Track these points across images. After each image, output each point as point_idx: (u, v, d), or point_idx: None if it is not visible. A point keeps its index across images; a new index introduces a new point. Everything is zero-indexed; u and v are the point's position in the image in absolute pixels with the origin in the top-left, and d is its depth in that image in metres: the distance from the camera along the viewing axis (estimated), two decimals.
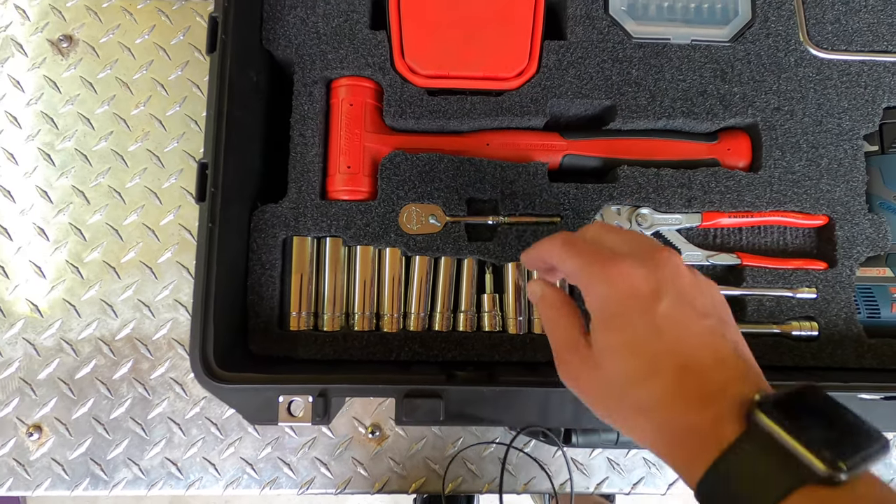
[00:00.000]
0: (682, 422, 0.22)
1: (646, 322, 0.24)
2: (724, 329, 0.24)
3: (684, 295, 0.25)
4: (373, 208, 0.40)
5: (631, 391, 0.24)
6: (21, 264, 0.50)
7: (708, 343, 0.23)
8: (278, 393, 0.33)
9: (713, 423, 0.21)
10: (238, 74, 0.37)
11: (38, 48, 0.52)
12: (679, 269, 0.26)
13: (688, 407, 0.22)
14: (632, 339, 0.24)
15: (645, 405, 0.23)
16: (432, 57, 0.41)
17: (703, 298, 0.25)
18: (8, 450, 0.48)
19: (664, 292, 0.24)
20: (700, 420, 0.22)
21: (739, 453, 0.20)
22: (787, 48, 0.43)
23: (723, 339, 0.24)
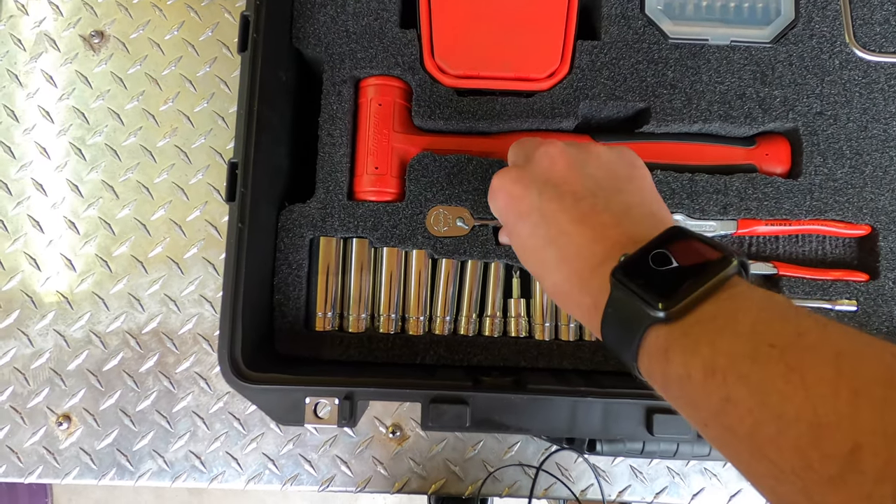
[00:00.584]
0: (578, 305, 0.25)
1: (522, 225, 0.27)
2: (608, 199, 0.26)
3: (557, 186, 0.27)
4: (400, 210, 0.39)
5: (543, 282, 0.27)
6: (52, 257, 0.51)
7: (585, 227, 0.25)
8: (305, 394, 0.33)
9: (594, 300, 0.24)
10: (268, 74, 0.37)
11: (70, 43, 0.53)
12: (552, 161, 0.28)
13: (576, 291, 0.25)
14: (519, 242, 0.27)
15: (554, 293, 0.27)
16: (462, 57, 0.40)
17: (580, 180, 0.27)
18: (38, 438, 0.49)
19: (536, 190, 0.27)
20: (586, 300, 0.25)
21: (608, 315, 0.23)
22: (831, 50, 0.41)
23: (603, 215, 0.26)
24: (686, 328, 0.21)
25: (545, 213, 0.26)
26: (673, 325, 0.21)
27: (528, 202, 0.27)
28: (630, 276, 0.22)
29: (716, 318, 0.20)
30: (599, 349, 0.39)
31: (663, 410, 0.33)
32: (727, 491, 0.49)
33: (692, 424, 0.21)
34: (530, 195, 0.27)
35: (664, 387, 0.21)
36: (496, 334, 0.40)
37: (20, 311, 0.50)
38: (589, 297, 0.24)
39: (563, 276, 0.25)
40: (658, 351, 0.21)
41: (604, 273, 0.23)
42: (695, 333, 0.20)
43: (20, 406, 0.49)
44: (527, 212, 0.27)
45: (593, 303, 0.24)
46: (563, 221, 0.26)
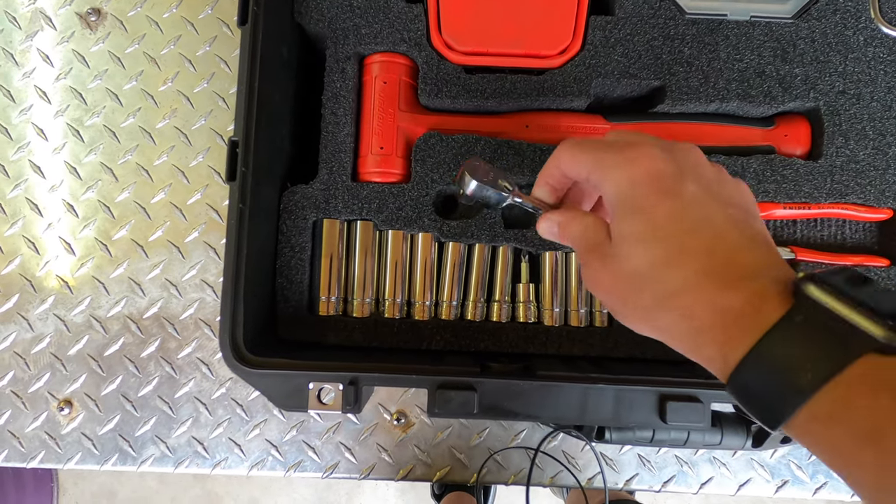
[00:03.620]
0: (713, 303, 0.20)
1: (669, 204, 0.22)
2: (753, 220, 0.23)
3: (709, 183, 0.23)
4: (406, 191, 0.38)
5: (654, 278, 0.22)
6: (51, 240, 0.50)
7: (735, 229, 0.22)
8: (308, 380, 0.32)
9: (752, 302, 0.19)
10: (270, 49, 0.35)
11: (66, 21, 0.51)
12: (701, 159, 0.24)
13: (721, 286, 0.20)
14: (653, 222, 0.22)
15: (670, 290, 0.21)
16: (471, 32, 0.39)
17: (728, 190, 0.24)
18: (40, 423, 0.48)
19: (687, 176, 0.23)
20: (735, 299, 0.20)
21: (787, 330, 0.18)
22: (856, 26, 0.39)
23: (748, 228, 0.22)
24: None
25: (697, 200, 0.22)
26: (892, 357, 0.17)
27: (680, 184, 0.22)
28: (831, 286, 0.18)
29: None
30: (610, 335, 0.38)
31: (677, 398, 0.32)
32: (736, 480, 0.48)
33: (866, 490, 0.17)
34: (684, 178, 0.23)
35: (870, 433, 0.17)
36: (504, 320, 0.39)
37: (20, 296, 0.49)
38: (744, 299, 0.20)
39: (705, 269, 0.21)
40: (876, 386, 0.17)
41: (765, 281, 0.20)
42: None
43: (21, 391, 0.49)
44: (673, 192, 0.22)
45: (750, 308, 0.19)
46: (718, 217, 0.22)
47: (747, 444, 0.40)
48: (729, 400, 0.35)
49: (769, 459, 0.48)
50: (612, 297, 0.24)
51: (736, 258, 0.21)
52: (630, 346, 0.38)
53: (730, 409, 0.40)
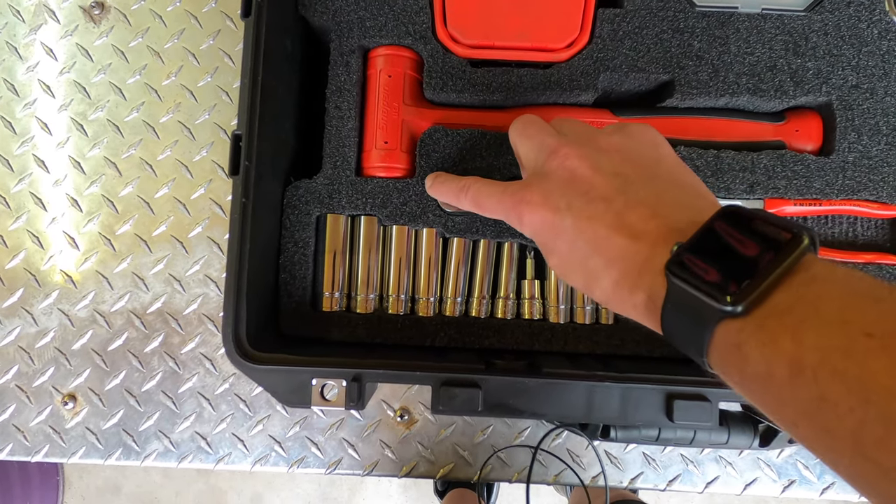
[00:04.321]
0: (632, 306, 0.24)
1: (563, 241, 0.26)
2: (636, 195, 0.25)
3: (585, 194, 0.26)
4: (410, 186, 0.38)
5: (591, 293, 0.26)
6: (55, 235, 0.50)
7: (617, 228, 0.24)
8: (312, 376, 0.32)
9: (650, 297, 0.23)
10: (273, 42, 0.35)
11: (70, 15, 0.51)
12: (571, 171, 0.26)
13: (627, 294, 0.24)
14: (563, 261, 0.26)
15: (605, 301, 0.25)
16: (477, 25, 0.38)
17: (606, 180, 0.26)
18: (44, 417, 0.48)
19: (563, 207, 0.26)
20: (640, 300, 0.23)
21: (668, 315, 0.22)
22: (870, 18, 0.39)
23: (630, 212, 0.24)
24: (760, 321, 0.19)
25: (580, 226, 0.25)
26: (745, 318, 0.19)
27: (561, 220, 0.26)
28: (687, 268, 0.21)
29: (793, 307, 0.18)
30: (616, 332, 0.38)
31: (684, 396, 0.32)
32: (742, 480, 0.48)
33: (778, 424, 0.19)
34: (561, 213, 0.26)
35: (742, 385, 0.20)
36: (509, 316, 0.39)
37: (24, 290, 0.49)
38: (642, 293, 0.23)
39: (611, 281, 0.24)
40: (731, 347, 0.19)
41: (654, 267, 0.22)
42: (771, 326, 0.18)
43: (25, 385, 0.49)
44: (561, 228, 0.26)
45: (648, 299, 0.23)
46: (599, 228, 0.25)
47: (754, 443, 0.39)
48: (738, 399, 0.34)
49: (776, 459, 0.48)
50: None
51: (627, 259, 0.24)
52: (636, 344, 0.37)
53: (737, 409, 0.40)
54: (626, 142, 0.27)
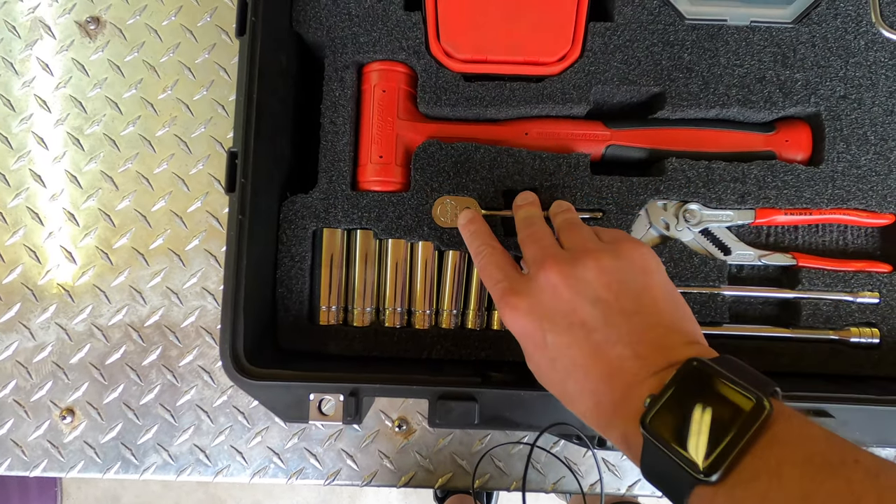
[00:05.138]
0: (609, 434, 0.25)
1: (542, 356, 0.27)
2: (618, 331, 0.25)
3: (566, 316, 0.26)
4: (405, 200, 0.38)
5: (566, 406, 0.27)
6: (52, 249, 0.50)
7: (595, 361, 0.25)
8: (309, 391, 0.32)
9: (625, 441, 0.24)
10: (268, 58, 0.35)
11: (65, 30, 0.51)
12: (555, 291, 0.27)
13: (603, 429, 0.25)
14: (540, 374, 0.28)
15: (581, 417, 0.26)
16: (469, 40, 0.39)
17: (588, 308, 0.26)
18: (42, 432, 0.48)
19: (547, 327, 0.27)
20: (616, 436, 0.24)
21: (647, 466, 0.23)
22: (856, 30, 0.39)
23: (609, 347, 0.25)
24: (730, 489, 0.20)
25: (559, 347, 0.26)
26: (717, 486, 0.20)
27: (541, 336, 0.27)
28: (657, 429, 0.22)
29: (758, 476, 0.20)
30: None
31: None
32: None
33: None
34: (542, 330, 0.27)
35: None
36: (504, 328, 0.39)
37: (21, 305, 0.50)
38: (617, 432, 0.24)
39: (586, 408, 0.25)
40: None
41: (628, 412, 0.23)
42: (740, 496, 0.20)
43: (23, 400, 0.49)
44: (541, 345, 0.27)
45: (623, 439, 0.24)
46: (577, 356, 0.26)
47: None
48: None
49: None
50: None
51: (602, 394, 0.25)
52: None
53: None
54: (615, 264, 0.27)
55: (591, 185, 0.38)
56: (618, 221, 0.38)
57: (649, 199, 0.39)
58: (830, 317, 0.38)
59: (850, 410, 0.31)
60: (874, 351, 0.37)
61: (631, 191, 0.38)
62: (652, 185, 0.38)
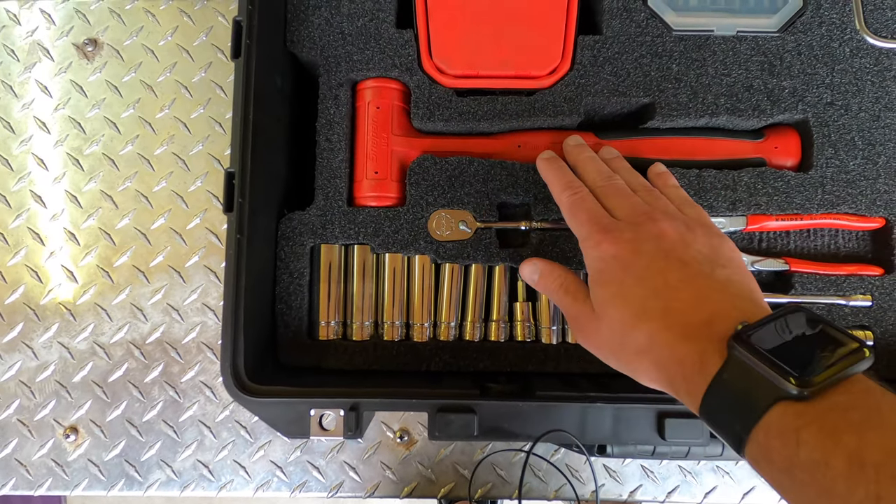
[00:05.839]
0: (673, 356, 0.25)
1: (630, 274, 0.27)
2: (712, 270, 0.27)
3: (667, 252, 0.28)
4: (401, 215, 0.39)
5: (628, 335, 0.27)
6: (54, 269, 0.51)
7: (690, 286, 0.26)
8: (310, 406, 0.32)
9: (700, 357, 0.23)
10: (263, 79, 0.36)
11: (63, 52, 0.52)
12: (663, 232, 0.29)
13: (676, 341, 0.25)
14: (619, 290, 0.28)
15: (642, 346, 0.26)
16: (461, 56, 0.39)
17: (688, 252, 0.28)
18: (46, 450, 0.49)
19: (644, 251, 0.28)
20: (688, 354, 0.24)
21: (723, 382, 0.22)
22: (841, 37, 0.40)
23: (708, 280, 0.26)
24: (822, 411, 0.20)
25: (655, 268, 0.27)
26: (806, 404, 0.20)
27: (639, 259, 0.28)
28: (751, 345, 0.22)
29: (853, 409, 0.20)
30: None
31: (675, 414, 0.32)
32: (740, 489, 0.48)
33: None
34: (642, 253, 0.28)
35: (787, 469, 0.20)
36: (502, 339, 0.40)
37: (24, 324, 0.50)
38: (695, 352, 0.24)
39: (665, 325, 0.25)
40: (786, 430, 0.20)
41: (714, 334, 0.23)
42: (833, 418, 0.20)
43: (27, 419, 0.49)
44: (634, 267, 0.28)
45: (698, 359, 0.23)
46: (671, 279, 0.26)
47: None
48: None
49: None
50: (603, 352, 0.29)
51: (688, 316, 0.25)
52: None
53: None
54: (711, 236, 0.29)
55: None
56: None
57: None
58: None
59: None
60: None
61: None
62: None
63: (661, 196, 0.32)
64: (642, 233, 0.29)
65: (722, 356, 0.23)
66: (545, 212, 0.39)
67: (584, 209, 0.31)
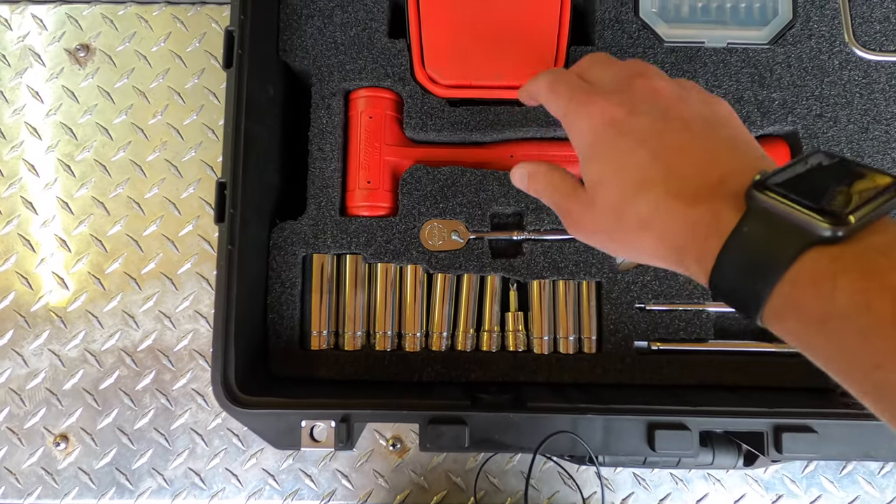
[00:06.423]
0: (681, 222, 0.22)
1: (626, 141, 0.24)
2: (716, 130, 0.24)
3: (665, 110, 0.25)
4: (393, 224, 0.39)
5: (627, 210, 0.23)
6: (45, 275, 0.50)
7: (696, 146, 0.23)
8: (300, 418, 0.32)
9: (713, 215, 0.21)
10: (255, 89, 0.36)
11: (55, 58, 0.52)
12: (657, 89, 0.26)
13: (684, 206, 0.22)
14: (615, 161, 0.24)
15: (644, 217, 0.23)
16: (454, 66, 0.39)
17: (688, 110, 0.25)
18: (36, 459, 0.48)
19: (640, 111, 0.24)
20: (699, 215, 0.21)
21: (742, 235, 0.20)
22: (830, 50, 0.40)
23: (714, 139, 0.23)
24: (860, 252, 0.17)
25: (654, 130, 0.24)
26: (843, 246, 0.18)
27: (633, 120, 0.24)
28: (775, 188, 0.19)
29: (893, 248, 0.17)
30: (599, 361, 0.39)
31: (665, 426, 0.33)
32: (731, 496, 0.49)
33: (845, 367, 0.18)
34: (637, 115, 0.24)
35: (820, 320, 0.18)
36: (494, 349, 0.40)
37: (14, 331, 0.50)
38: (708, 214, 0.21)
39: (669, 191, 0.22)
40: (820, 277, 0.18)
41: (730, 188, 0.20)
42: (873, 258, 0.17)
43: (17, 427, 0.49)
44: (629, 129, 0.24)
45: (712, 219, 0.20)
46: (674, 140, 0.23)
47: (739, 462, 0.40)
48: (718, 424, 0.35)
49: (763, 475, 0.49)
50: (598, 236, 0.26)
51: (696, 177, 0.22)
52: (618, 373, 0.38)
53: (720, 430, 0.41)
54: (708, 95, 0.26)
55: None
56: None
57: None
58: None
59: (834, 426, 0.32)
60: None
61: None
62: None
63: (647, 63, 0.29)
64: (636, 92, 0.25)
65: (740, 210, 0.20)
66: (537, 222, 0.39)
67: (565, 82, 0.27)
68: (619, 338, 0.38)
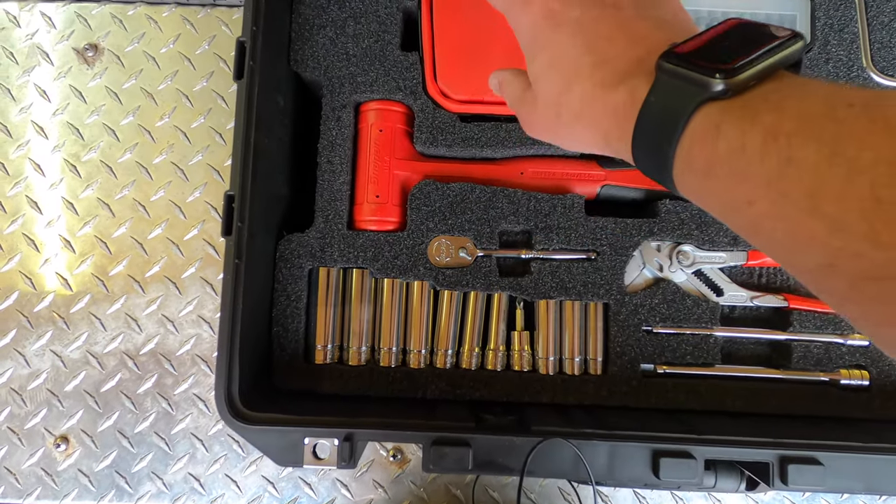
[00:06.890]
0: (607, 107, 0.23)
1: (561, 34, 0.25)
2: (647, 11, 0.24)
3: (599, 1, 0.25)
4: (401, 240, 0.38)
5: (563, 102, 0.24)
6: (48, 275, 0.50)
7: (623, 31, 0.24)
8: (304, 435, 0.32)
9: (629, 94, 0.22)
10: (266, 99, 0.35)
11: (63, 57, 0.51)
12: None
13: (608, 92, 0.23)
14: (551, 56, 0.25)
15: (576, 110, 0.24)
16: (466, 81, 0.39)
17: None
18: (36, 459, 0.48)
19: (574, 3, 0.25)
20: (619, 97, 0.22)
21: (650, 105, 0.21)
22: (848, 75, 0.40)
23: (642, 22, 0.24)
24: (746, 101, 0.18)
25: (585, 21, 0.24)
26: (731, 100, 0.19)
27: (569, 13, 0.25)
28: (679, 55, 0.20)
29: (780, 90, 0.18)
30: (604, 384, 0.39)
31: (670, 454, 0.32)
32: None
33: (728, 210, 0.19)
34: (571, 6, 0.25)
35: (707, 170, 0.19)
36: (499, 368, 0.39)
37: (16, 331, 0.49)
38: (625, 92, 0.22)
39: (595, 81, 0.23)
40: (708, 129, 0.19)
41: (646, 68, 0.21)
42: (755, 104, 0.18)
43: (17, 427, 0.49)
44: (565, 22, 0.25)
45: (629, 97, 0.21)
46: (603, 28, 0.24)
47: (741, 487, 0.40)
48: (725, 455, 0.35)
49: (764, 497, 0.49)
50: (545, 132, 0.27)
51: (618, 62, 0.23)
52: (623, 395, 0.38)
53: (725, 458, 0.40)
54: None
55: (586, 227, 0.39)
56: (612, 262, 0.39)
57: (643, 241, 0.39)
58: (821, 359, 0.38)
59: (840, 458, 0.32)
60: (864, 393, 0.38)
61: (625, 232, 0.39)
62: (646, 227, 0.39)
63: None
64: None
65: (650, 82, 0.21)
66: (546, 241, 0.39)
67: None
68: (626, 360, 0.38)
